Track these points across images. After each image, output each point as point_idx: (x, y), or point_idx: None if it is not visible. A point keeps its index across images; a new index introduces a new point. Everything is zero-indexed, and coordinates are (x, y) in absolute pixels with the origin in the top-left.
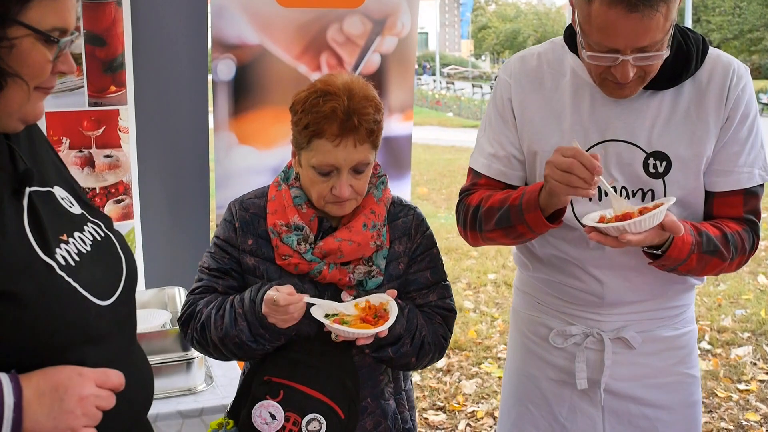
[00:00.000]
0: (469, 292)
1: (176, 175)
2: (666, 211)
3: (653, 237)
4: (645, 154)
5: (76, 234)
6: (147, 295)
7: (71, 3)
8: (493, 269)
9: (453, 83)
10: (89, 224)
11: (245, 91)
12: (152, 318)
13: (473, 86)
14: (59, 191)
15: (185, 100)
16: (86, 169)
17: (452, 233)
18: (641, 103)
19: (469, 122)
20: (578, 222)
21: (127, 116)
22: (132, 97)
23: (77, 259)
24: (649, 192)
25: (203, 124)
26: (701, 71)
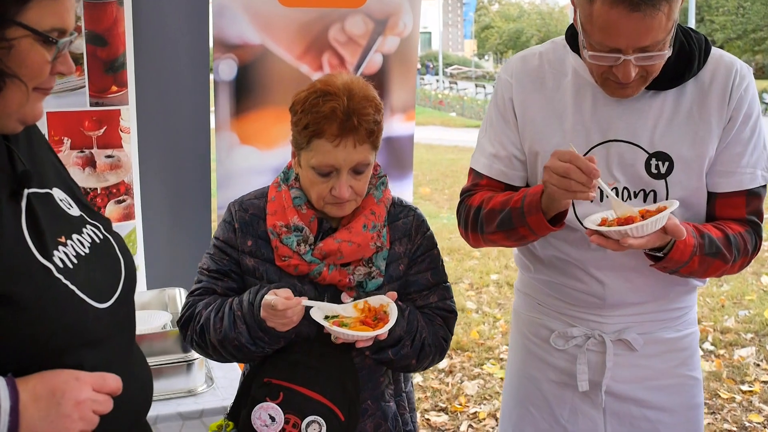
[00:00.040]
0: (472, 293)
1: (177, 176)
2: (669, 215)
3: (655, 240)
4: (647, 155)
5: (75, 236)
6: (147, 296)
7: (70, 3)
8: (496, 270)
9: (456, 83)
10: (88, 226)
11: (247, 91)
12: (153, 319)
13: (476, 86)
14: (58, 193)
15: (187, 100)
16: (87, 170)
17: (455, 233)
18: (643, 104)
19: (472, 122)
20: (580, 223)
21: (129, 116)
22: (133, 97)
23: (75, 262)
24: (651, 193)
25: (205, 124)
26: (704, 71)
